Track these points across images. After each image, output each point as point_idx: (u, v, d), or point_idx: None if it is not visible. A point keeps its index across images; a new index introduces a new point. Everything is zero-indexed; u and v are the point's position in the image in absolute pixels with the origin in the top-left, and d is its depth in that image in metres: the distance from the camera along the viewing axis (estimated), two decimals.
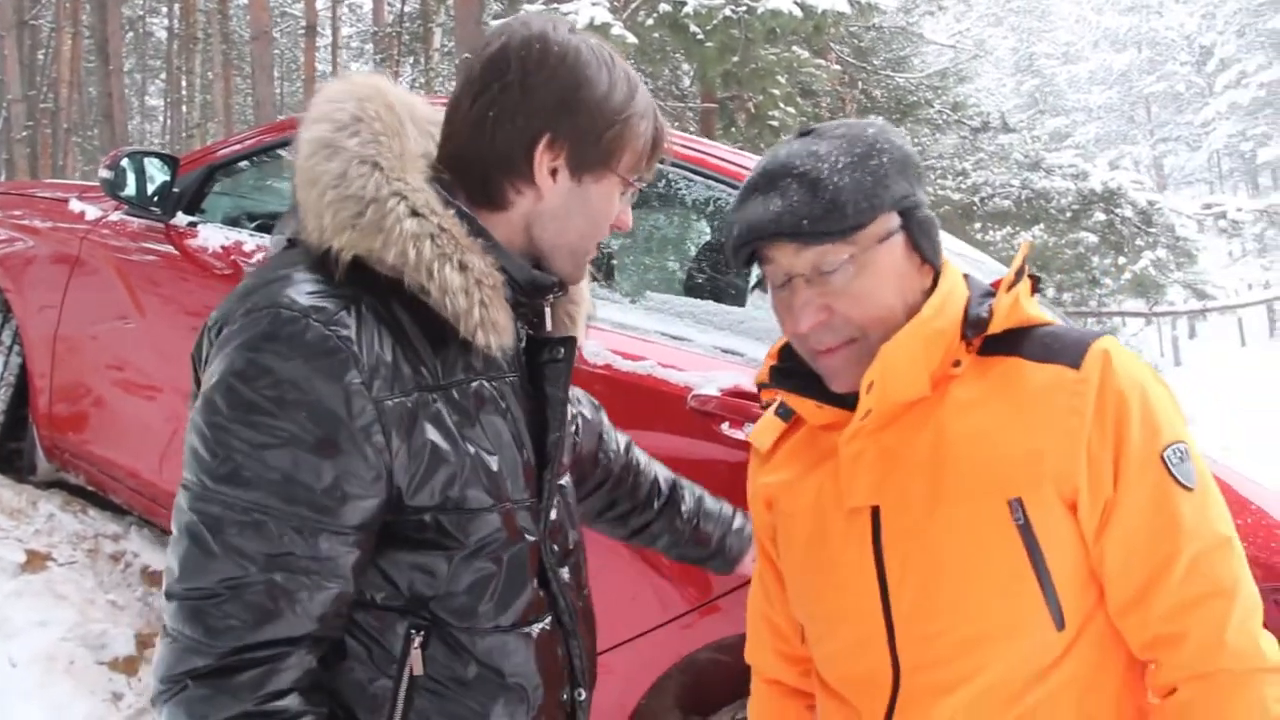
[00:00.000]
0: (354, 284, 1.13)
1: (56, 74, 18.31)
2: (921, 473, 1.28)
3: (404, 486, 1.12)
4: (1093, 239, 10.40)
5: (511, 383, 1.26)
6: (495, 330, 1.17)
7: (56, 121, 18.42)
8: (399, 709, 1.14)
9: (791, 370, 1.40)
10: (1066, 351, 1.25)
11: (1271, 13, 36.74)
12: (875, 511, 1.30)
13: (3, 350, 3.70)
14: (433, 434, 1.13)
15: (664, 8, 6.78)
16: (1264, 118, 38.30)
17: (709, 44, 6.76)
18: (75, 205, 3.50)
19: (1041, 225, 10.29)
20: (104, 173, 3.08)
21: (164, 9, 22.34)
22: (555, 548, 1.30)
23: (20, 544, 3.34)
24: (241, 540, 1.06)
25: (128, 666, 2.93)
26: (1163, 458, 1.21)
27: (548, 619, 1.26)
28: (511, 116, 1.20)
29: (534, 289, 1.25)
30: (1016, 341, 1.29)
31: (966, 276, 1.37)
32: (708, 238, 3.63)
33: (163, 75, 24.54)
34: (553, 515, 1.29)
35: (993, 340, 1.30)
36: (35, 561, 3.28)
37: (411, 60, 18.02)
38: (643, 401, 2.30)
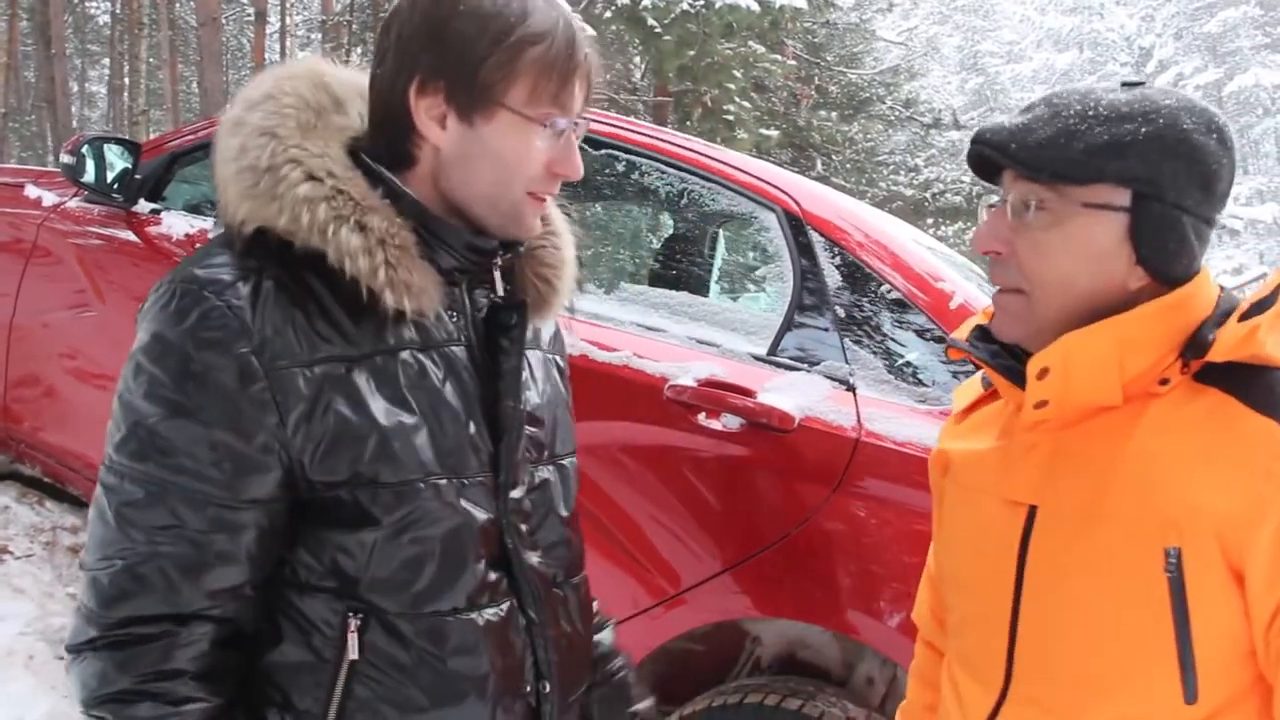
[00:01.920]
0: (264, 256, 1.10)
1: None
2: (1088, 485, 1.16)
3: (305, 461, 1.08)
4: None
5: (455, 352, 1.19)
6: (409, 292, 1.12)
7: None
8: (337, 695, 1.11)
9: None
10: None
11: (1208, 17, 37.60)
12: (1033, 511, 1.21)
13: None
14: (341, 405, 1.09)
15: (622, 1, 6.78)
16: None
17: (666, 38, 6.77)
18: (31, 191, 3.43)
19: None
20: (65, 158, 3.03)
21: None
22: (523, 528, 1.22)
23: None
24: (133, 512, 1.05)
25: None
26: None
27: (504, 605, 1.19)
28: (389, 68, 1.16)
29: (475, 251, 1.20)
30: (1242, 378, 1.11)
31: (1223, 296, 1.20)
32: (682, 230, 3.66)
33: (105, 60, 24.01)
34: (516, 493, 1.22)
35: (1215, 369, 1.13)
36: None
37: (360, 49, 17.80)
38: (619, 392, 2.31)
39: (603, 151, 2.70)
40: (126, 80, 18.88)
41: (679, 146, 2.65)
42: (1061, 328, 1.17)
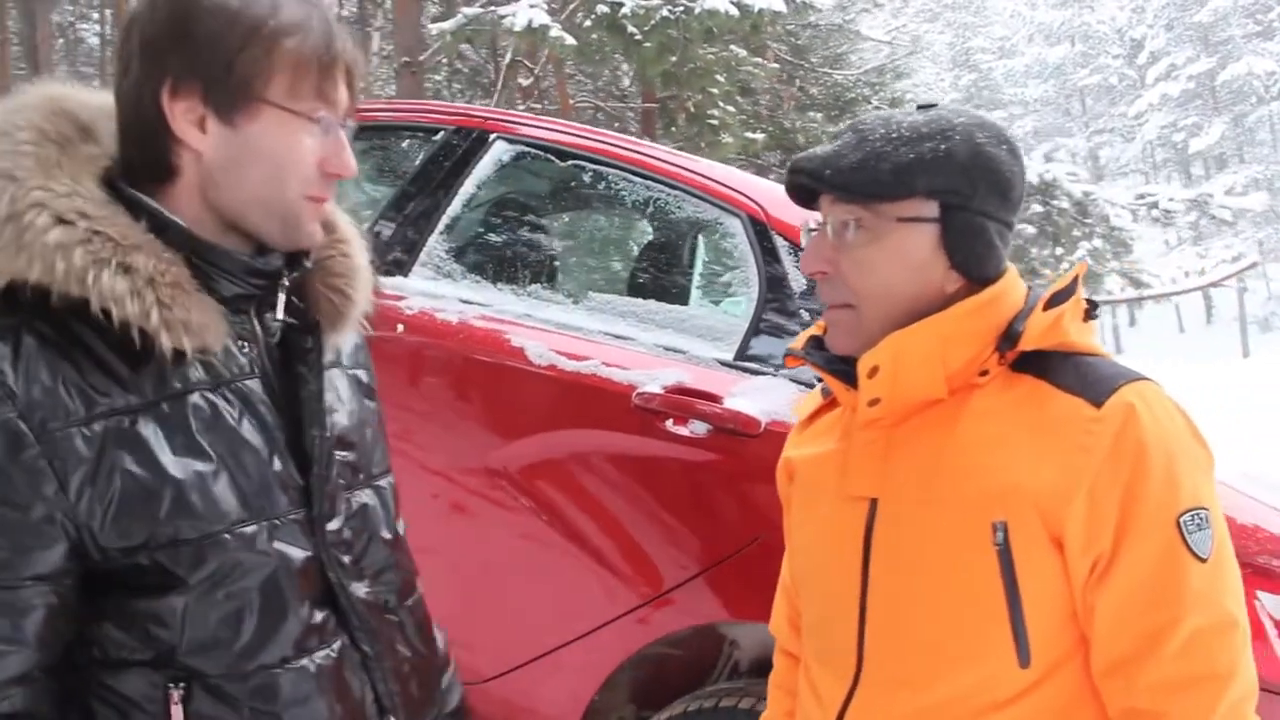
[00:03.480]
0: (21, 311, 1.00)
1: None
2: (921, 473, 1.26)
3: (95, 527, 1.00)
4: (1030, 230, 10.58)
5: (249, 386, 1.12)
6: (188, 331, 1.03)
7: None
8: None
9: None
10: (1094, 387, 1.19)
11: (1198, 6, 37.62)
12: (874, 504, 1.29)
13: None
14: (128, 462, 1.01)
15: (601, 9, 6.81)
16: (1194, 109, 39.15)
17: (647, 44, 6.79)
18: None
19: None
20: None
21: (95, 15, 21.93)
22: (345, 560, 1.16)
23: None
24: None
25: None
26: (1179, 521, 1.14)
27: (336, 644, 1.13)
28: (135, 75, 1.07)
29: (257, 274, 1.13)
30: (1051, 365, 1.23)
31: (1032, 290, 1.32)
32: (650, 238, 3.67)
33: (95, 82, 24.07)
34: (334, 525, 1.16)
35: (1028, 358, 1.24)
36: None
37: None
38: (588, 400, 2.32)
39: (569, 162, 2.73)
40: None
41: (644, 155, 2.67)
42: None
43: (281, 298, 1.16)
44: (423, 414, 2.46)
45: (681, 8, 6.70)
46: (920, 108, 1.32)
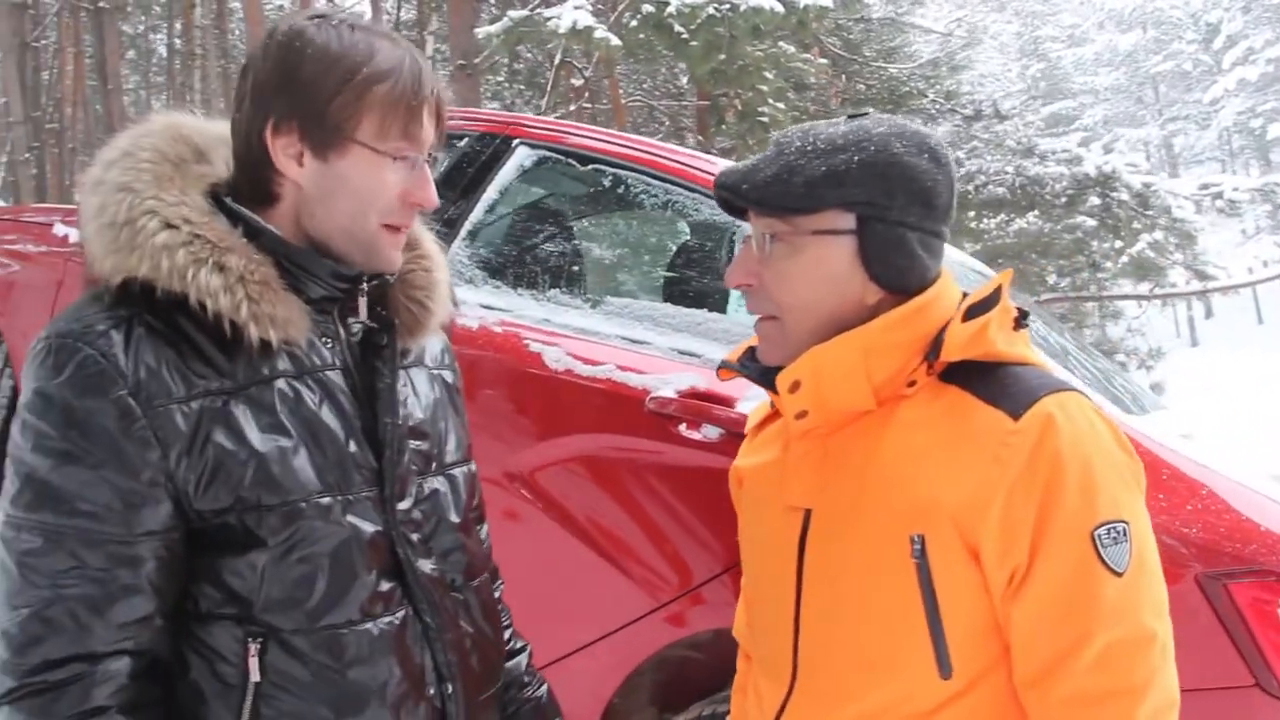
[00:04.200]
0: (133, 304, 1.16)
1: (61, 94, 18.44)
2: (849, 485, 1.26)
3: (190, 492, 1.14)
4: (1090, 223, 10.36)
5: (330, 377, 1.25)
6: (274, 324, 1.18)
7: (63, 141, 18.56)
8: (245, 717, 1.15)
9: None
10: (1015, 398, 1.19)
11: None
12: (808, 514, 1.30)
13: None
14: (220, 436, 1.15)
15: (647, 8, 6.82)
16: (1273, 93, 37.97)
17: (694, 43, 6.78)
18: (59, 229, 3.56)
19: (1036, 212, 10.26)
20: (78, 197, 3.13)
21: (165, 26, 22.47)
22: (414, 538, 1.28)
23: None
24: (34, 560, 1.10)
25: None
26: (1093, 535, 1.15)
27: (399, 614, 1.24)
28: (247, 111, 1.23)
29: (340, 278, 1.26)
30: (977, 375, 1.24)
31: (966, 299, 1.30)
32: (680, 242, 3.67)
33: (167, 92, 24.69)
34: (404, 505, 1.27)
35: (956, 369, 1.25)
36: None
37: None
38: (602, 405, 2.34)
39: (589, 167, 2.73)
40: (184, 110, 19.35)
41: (665, 158, 2.66)
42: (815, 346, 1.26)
43: (363, 303, 1.30)
44: None
45: (728, 5, 6.68)
46: (850, 117, 1.32)
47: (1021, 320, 1.29)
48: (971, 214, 10.62)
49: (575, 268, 2.81)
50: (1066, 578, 1.15)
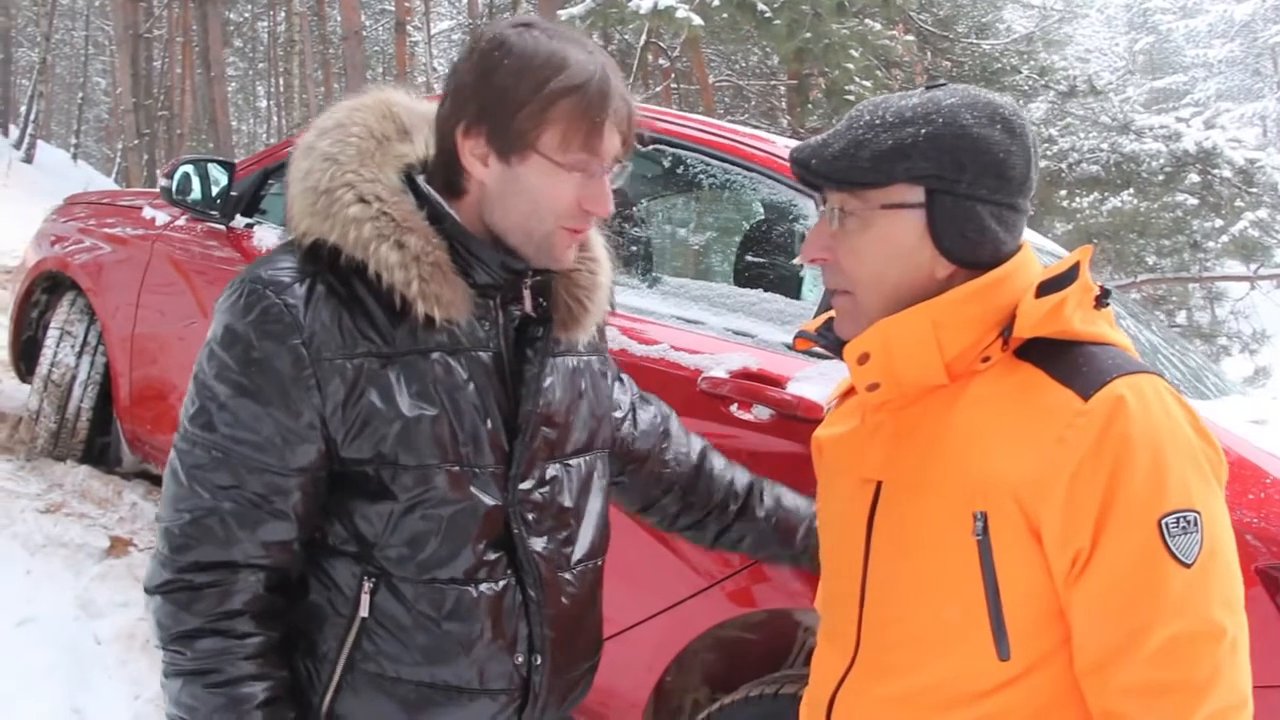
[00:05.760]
0: (319, 263, 1.27)
1: (170, 82, 19.09)
2: (917, 459, 1.25)
3: (339, 438, 1.25)
4: (1191, 201, 9.94)
5: (481, 357, 1.33)
6: (439, 303, 1.27)
7: (171, 127, 19.23)
8: (348, 645, 1.28)
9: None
10: (1085, 379, 1.16)
11: None
12: (879, 486, 1.30)
13: (88, 351, 3.93)
14: (372, 395, 1.25)
15: None
16: None
17: (777, 22, 6.71)
18: (148, 212, 3.70)
19: (1132, 190, 9.89)
20: (163, 181, 3.26)
21: (269, 14, 23.05)
22: (530, 517, 1.36)
23: (105, 531, 3.57)
24: (201, 473, 1.25)
25: None
26: (1160, 523, 1.10)
27: (502, 582, 1.33)
28: (446, 110, 1.31)
29: (507, 270, 1.33)
30: (1053, 354, 1.20)
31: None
32: (751, 224, 3.65)
33: (269, 78, 25.34)
34: (525, 485, 1.35)
35: (1032, 346, 1.22)
36: (119, 547, 3.51)
37: None
38: (656, 385, 2.34)
39: (650, 147, 2.73)
40: (283, 95, 19.93)
41: (728, 138, 2.65)
42: None
43: (528, 295, 1.39)
44: None
45: None
46: (926, 89, 1.30)
47: (1103, 299, 1.25)
48: (1063, 193, 10.29)
49: (634, 248, 2.82)
50: (1129, 566, 1.11)
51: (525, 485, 1.35)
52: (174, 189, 3.23)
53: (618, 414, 1.66)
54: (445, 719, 1.31)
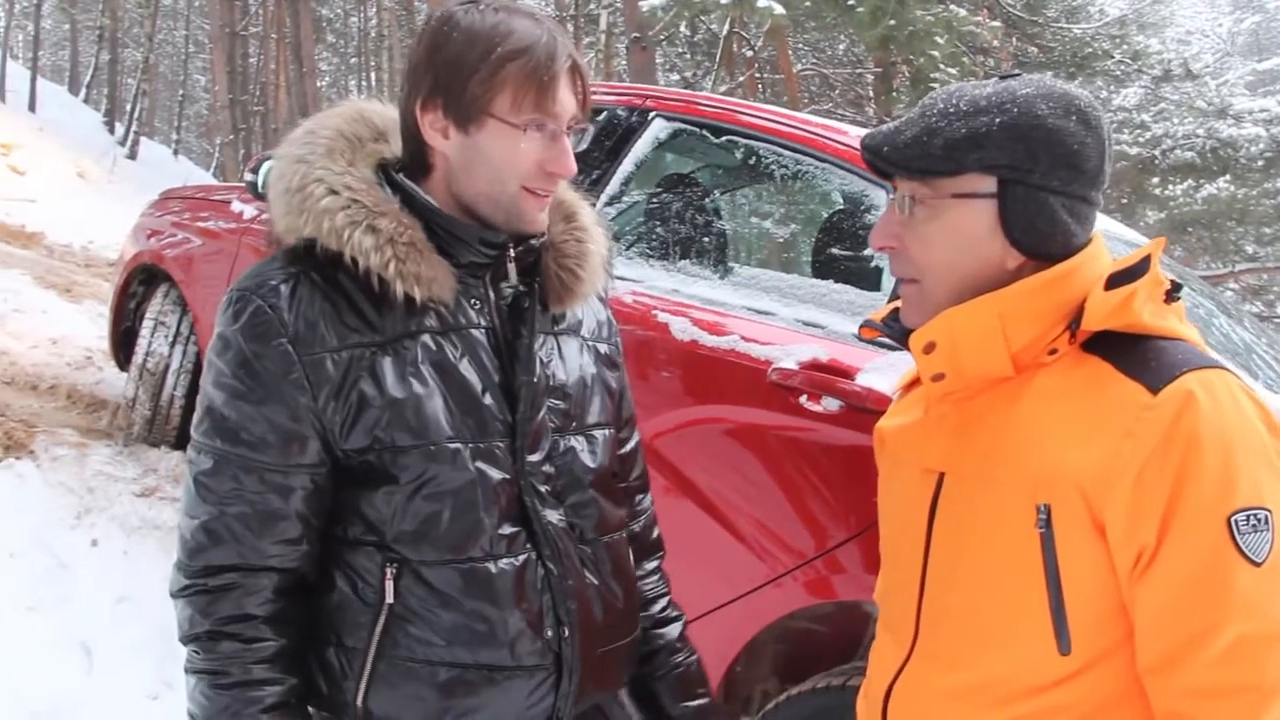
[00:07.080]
0: (304, 261, 1.30)
1: (265, 78, 19.60)
2: (982, 450, 1.24)
3: (335, 431, 1.27)
4: None
5: (474, 334, 1.35)
6: (419, 282, 1.29)
7: (266, 122, 19.74)
8: (377, 633, 1.29)
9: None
10: (1155, 373, 1.14)
11: None
12: (942, 477, 1.29)
13: (181, 340, 4.08)
14: (364, 383, 1.27)
15: None
16: None
17: (860, 9, 6.63)
18: (236, 205, 3.82)
19: (1228, 176, 9.52)
20: (248, 175, 3.36)
21: (359, 9, 23.50)
22: (544, 489, 1.36)
23: None
24: (206, 479, 1.28)
25: None
26: (1229, 521, 1.08)
27: (521, 556, 1.33)
28: (405, 91, 1.35)
29: (488, 244, 1.35)
30: (1121, 347, 1.19)
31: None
32: (826, 216, 3.62)
33: (359, 73, 25.84)
34: (535, 457, 1.35)
35: (1100, 340, 1.20)
36: None
37: (588, 42, 18.40)
38: (726, 376, 2.35)
39: (724, 138, 2.74)
40: (373, 88, 20.26)
41: (801, 129, 2.64)
42: None
43: (513, 268, 1.39)
44: None
45: None
46: (1001, 78, 1.29)
47: (1174, 293, 1.23)
48: (1156, 180, 9.95)
49: (706, 239, 2.82)
50: (1197, 564, 1.09)
51: (534, 457, 1.35)
52: (259, 183, 3.32)
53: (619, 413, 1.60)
54: (481, 700, 1.31)
